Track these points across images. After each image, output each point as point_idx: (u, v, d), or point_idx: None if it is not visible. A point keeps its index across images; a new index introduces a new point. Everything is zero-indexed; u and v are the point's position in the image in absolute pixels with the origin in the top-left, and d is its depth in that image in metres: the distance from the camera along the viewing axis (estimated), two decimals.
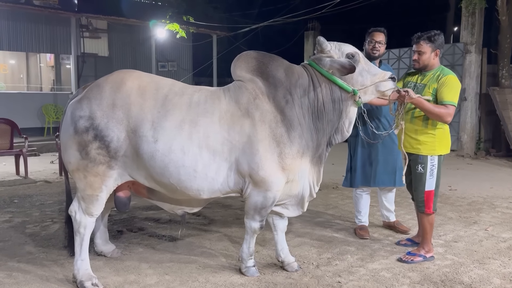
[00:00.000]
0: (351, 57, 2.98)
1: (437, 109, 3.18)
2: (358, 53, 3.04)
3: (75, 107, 2.92)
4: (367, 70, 3.05)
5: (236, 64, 3.07)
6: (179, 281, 3.02)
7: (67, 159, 2.95)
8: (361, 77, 3.02)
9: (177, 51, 14.83)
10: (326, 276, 3.12)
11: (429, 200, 3.33)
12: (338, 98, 3.01)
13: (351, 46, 3.07)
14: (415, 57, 3.39)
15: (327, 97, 3.00)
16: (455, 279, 3.08)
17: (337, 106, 3.02)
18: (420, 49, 3.35)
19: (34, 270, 3.18)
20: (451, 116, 3.22)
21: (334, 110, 3.02)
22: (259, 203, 2.94)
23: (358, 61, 3.00)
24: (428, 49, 3.33)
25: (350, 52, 3.00)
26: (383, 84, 3.06)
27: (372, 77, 3.04)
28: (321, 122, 3.01)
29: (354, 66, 2.91)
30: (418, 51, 3.36)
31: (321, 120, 3.01)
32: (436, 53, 3.35)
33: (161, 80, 3.02)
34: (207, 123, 2.85)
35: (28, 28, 12.02)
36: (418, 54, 3.36)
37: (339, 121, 3.06)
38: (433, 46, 3.32)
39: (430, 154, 3.31)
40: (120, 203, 3.16)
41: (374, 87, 3.05)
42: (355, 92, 2.97)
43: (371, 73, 3.05)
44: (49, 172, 7.37)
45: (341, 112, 3.04)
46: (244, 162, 2.86)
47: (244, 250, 3.13)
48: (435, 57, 3.36)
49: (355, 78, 3.00)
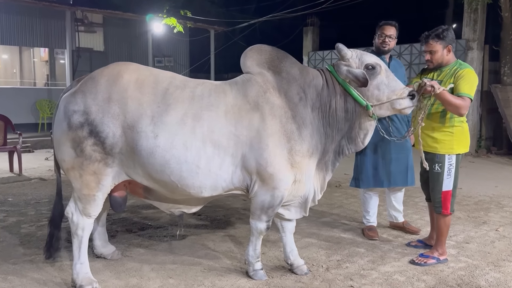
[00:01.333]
0: (371, 68, 2.83)
1: (456, 100, 3.04)
2: (380, 65, 2.87)
3: (68, 101, 2.75)
4: (386, 84, 2.87)
5: (248, 55, 2.94)
6: (184, 285, 2.87)
7: (61, 157, 2.78)
8: (378, 91, 2.86)
9: (174, 46, 14.64)
10: (337, 279, 2.99)
11: (447, 201, 3.20)
12: (351, 109, 2.88)
13: (373, 57, 2.91)
14: (427, 57, 3.24)
15: (340, 105, 2.88)
16: (472, 282, 2.96)
17: (349, 116, 2.89)
18: (431, 49, 3.20)
19: (31, 273, 3.02)
20: (467, 108, 3.08)
21: (346, 120, 2.90)
22: (267, 203, 2.81)
23: (378, 74, 2.85)
24: (439, 46, 3.19)
25: (370, 63, 2.85)
26: (399, 102, 2.87)
27: (389, 93, 2.86)
28: (331, 129, 2.90)
29: (367, 80, 2.76)
30: (430, 51, 3.21)
31: (332, 127, 2.89)
32: (448, 48, 3.22)
33: (160, 73, 2.87)
34: (211, 117, 2.71)
35: (22, 21, 11.78)
36: (430, 54, 3.22)
37: (351, 131, 2.93)
38: (444, 42, 3.18)
39: (448, 153, 3.18)
40: (116, 203, 3.01)
41: (389, 104, 2.88)
42: (368, 108, 2.83)
43: (390, 88, 2.87)
44: (44, 169, 7.18)
45: (354, 122, 2.91)
46: (251, 158, 2.72)
47: (250, 253, 2.99)
48: (448, 53, 3.23)
49: (371, 90, 2.85)
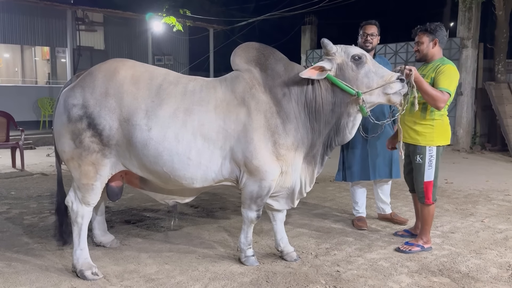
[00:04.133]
0: (358, 58, 2.93)
1: (434, 92, 3.18)
2: (365, 55, 2.98)
3: (68, 95, 2.91)
4: (374, 71, 2.97)
5: (236, 53, 3.09)
6: (179, 270, 3.03)
7: (61, 148, 2.94)
8: (367, 78, 2.95)
9: (173, 44, 14.77)
10: (325, 265, 3.14)
11: (428, 191, 3.35)
12: (339, 102, 2.96)
13: (358, 49, 3.01)
14: (415, 48, 3.45)
15: (326, 99, 2.96)
16: (453, 268, 3.11)
17: (337, 109, 2.98)
18: (419, 40, 3.40)
19: (33, 260, 3.17)
20: (445, 102, 3.22)
21: (333, 112, 2.98)
22: (255, 193, 2.96)
23: (365, 63, 2.95)
24: (426, 39, 3.37)
25: (356, 53, 2.95)
26: (390, 86, 2.95)
27: (378, 80, 2.95)
28: (318, 123, 2.99)
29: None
30: (417, 42, 3.42)
31: (318, 121, 2.98)
32: (434, 42, 3.37)
33: (155, 70, 3.02)
34: (202, 112, 2.86)
35: (23, 20, 11.93)
36: (417, 45, 3.42)
37: (339, 124, 3.02)
38: (431, 36, 3.36)
39: (429, 145, 3.33)
40: (112, 192, 3.16)
41: (381, 90, 2.96)
42: (359, 95, 2.91)
43: (378, 75, 2.96)
44: (45, 165, 7.34)
45: (341, 115, 3.00)
46: (238, 150, 2.87)
47: (242, 240, 3.14)
48: (434, 46, 3.38)
49: (360, 79, 2.94)
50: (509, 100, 9.14)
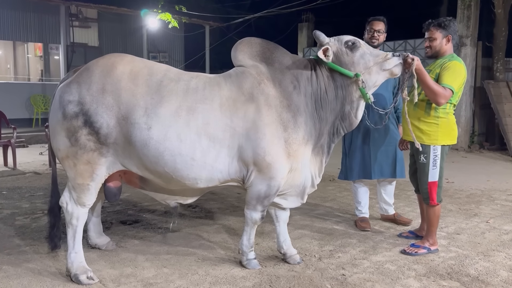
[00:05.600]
0: (351, 44, 2.90)
1: (435, 87, 3.09)
2: (358, 40, 2.96)
3: (63, 91, 2.78)
4: (369, 53, 2.95)
5: (238, 48, 2.98)
6: (178, 274, 2.91)
7: (56, 146, 2.81)
8: (363, 59, 2.92)
9: (169, 41, 14.60)
10: (329, 268, 3.03)
11: (433, 191, 3.25)
12: (341, 86, 2.93)
13: (350, 36, 2.99)
14: (426, 44, 3.32)
15: (329, 86, 2.94)
16: (461, 271, 3.02)
17: (340, 93, 2.94)
18: (431, 36, 3.27)
19: (25, 263, 3.04)
20: (446, 99, 3.12)
21: (337, 98, 2.95)
22: (263, 192, 2.84)
23: (359, 47, 2.92)
24: (439, 35, 3.25)
25: (349, 39, 2.93)
26: (387, 62, 2.92)
27: (375, 58, 2.93)
28: (324, 111, 2.94)
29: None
30: (429, 38, 3.28)
31: (324, 109, 2.94)
32: (448, 38, 3.26)
33: (155, 65, 2.89)
34: (206, 110, 2.74)
35: (15, 16, 11.70)
36: (429, 41, 3.29)
37: (344, 108, 2.97)
38: (444, 32, 3.24)
39: (433, 144, 3.22)
40: (110, 193, 3.02)
41: (379, 67, 2.92)
42: (358, 75, 2.87)
43: (373, 55, 2.94)
44: (38, 163, 7.17)
45: (345, 98, 2.95)
46: (248, 148, 2.76)
47: (244, 242, 3.03)
48: (447, 43, 3.27)
49: (356, 61, 2.91)
50: (507, 99, 9.09)
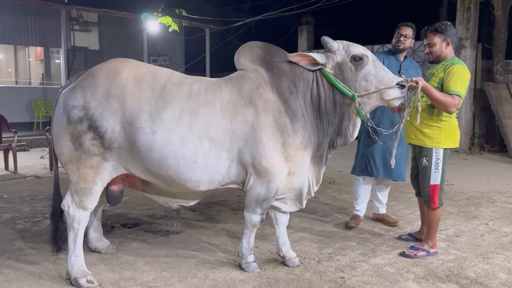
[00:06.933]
0: (358, 59, 2.84)
1: (443, 98, 3.10)
2: (367, 55, 2.87)
3: (68, 96, 2.80)
4: (374, 74, 2.87)
5: (240, 52, 2.99)
6: (178, 278, 2.92)
7: (59, 150, 2.83)
8: (366, 81, 2.86)
9: (169, 45, 14.63)
10: (328, 271, 3.04)
11: (434, 194, 3.26)
12: (339, 101, 2.89)
13: (360, 47, 2.90)
14: (426, 50, 3.34)
15: (328, 98, 2.90)
16: (460, 274, 3.02)
17: (338, 108, 2.90)
18: (430, 41, 3.29)
19: (26, 267, 3.05)
20: (455, 106, 3.14)
21: (335, 112, 2.91)
22: (262, 195, 2.86)
23: (365, 64, 2.85)
24: (438, 39, 3.27)
25: (357, 54, 2.85)
26: (387, 92, 2.85)
27: (377, 83, 2.86)
28: (322, 122, 2.92)
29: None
30: (428, 44, 3.30)
31: (322, 119, 2.91)
32: (447, 42, 3.28)
33: (158, 70, 2.92)
34: (208, 114, 2.76)
35: (16, 20, 11.74)
36: (429, 47, 3.31)
37: (341, 124, 2.95)
38: (443, 36, 3.26)
39: (435, 147, 3.24)
40: (112, 197, 3.04)
41: (379, 94, 2.87)
42: (354, 97, 2.82)
43: (378, 78, 2.86)
44: (39, 167, 7.19)
45: (343, 115, 2.92)
46: (246, 151, 2.77)
47: (244, 245, 3.04)
48: (447, 46, 3.29)
49: (358, 81, 2.86)
50: (507, 101, 9.10)
